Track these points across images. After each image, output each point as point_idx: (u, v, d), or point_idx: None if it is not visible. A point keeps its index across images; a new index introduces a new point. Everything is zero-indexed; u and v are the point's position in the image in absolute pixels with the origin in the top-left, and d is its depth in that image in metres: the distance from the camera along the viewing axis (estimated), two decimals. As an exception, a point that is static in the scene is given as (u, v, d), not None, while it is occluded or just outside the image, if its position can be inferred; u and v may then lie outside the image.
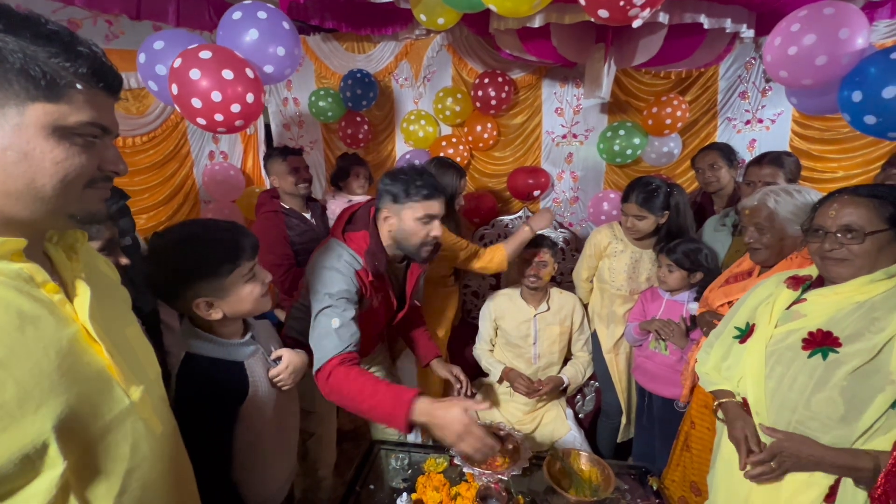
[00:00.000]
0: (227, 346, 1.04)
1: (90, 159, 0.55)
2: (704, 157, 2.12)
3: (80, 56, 0.52)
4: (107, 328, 0.60)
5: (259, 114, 1.61)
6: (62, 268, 0.60)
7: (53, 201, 0.53)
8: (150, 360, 0.72)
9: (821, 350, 0.92)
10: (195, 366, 1.01)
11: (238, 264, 0.98)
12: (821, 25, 1.37)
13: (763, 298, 1.10)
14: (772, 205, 1.24)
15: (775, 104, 2.45)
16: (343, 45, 2.80)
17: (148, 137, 2.30)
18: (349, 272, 1.30)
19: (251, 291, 1.01)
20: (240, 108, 1.47)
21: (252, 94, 1.48)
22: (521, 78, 2.64)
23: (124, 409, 0.60)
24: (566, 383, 1.96)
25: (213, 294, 0.96)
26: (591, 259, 2.00)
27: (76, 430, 0.53)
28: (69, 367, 0.53)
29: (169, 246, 0.96)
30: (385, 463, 1.65)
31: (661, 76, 2.48)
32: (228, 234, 0.99)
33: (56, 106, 0.51)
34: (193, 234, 0.98)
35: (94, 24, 2.14)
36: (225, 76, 1.42)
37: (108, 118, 0.57)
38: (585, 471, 1.44)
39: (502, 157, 2.80)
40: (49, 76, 0.50)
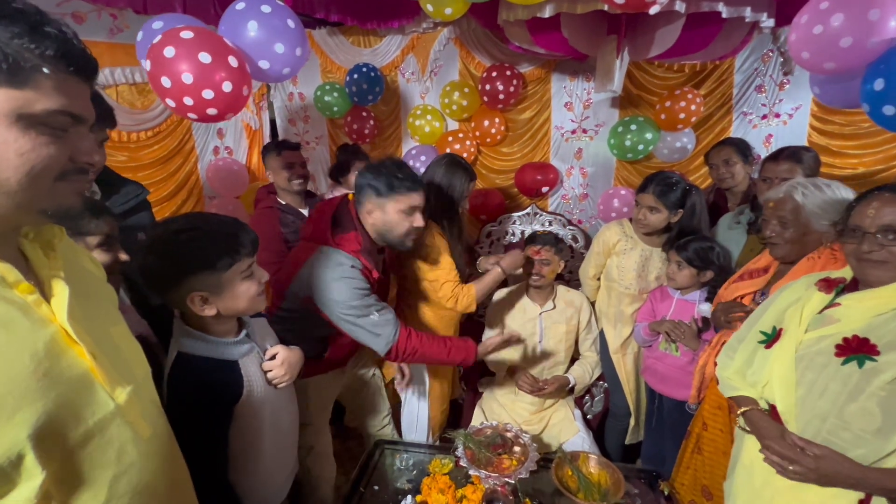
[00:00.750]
0: (221, 344, 1.01)
1: (60, 150, 0.51)
2: (719, 152, 2.06)
3: (47, 37, 0.48)
4: (88, 328, 0.57)
5: (240, 106, 1.51)
6: (39, 266, 0.57)
7: (20, 195, 0.49)
8: (138, 360, 0.69)
9: (856, 357, 0.87)
10: (187, 365, 0.98)
11: (237, 259, 0.95)
12: (850, 5, 1.29)
13: (791, 302, 1.04)
14: (799, 198, 1.18)
15: (793, 98, 2.38)
16: (349, 39, 2.76)
17: (153, 132, 2.28)
18: (357, 275, 1.33)
19: (248, 289, 0.98)
20: (213, 95, 1.39)
21: (230, 83, 1.40)
22: (530, 72, 2.58)
23: (109, 412, 0.57)
24: (572, 383, 1.93)
25: (208, 289, 0.94)
26: (600, 256, 1.95)
27: (56, 437, 0.50)
28: (46, 371, 0.50)
29: (169, 236, 0.94)
30: (389, 463, 1.63)
31: (674, 69, 2.42)
32: (229, 229, 0.97)
33: (20, 92, 0.47)
34: (194, 226, 0.95)
35: (99, 18, 2.12)
36: (201, 59, 1.35)
37: (80, 106, 0.53)
38: (594, 474, 1.42)
39: (510, 152, 2.75)
40: (11, 59, 0.46)
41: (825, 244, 1.16)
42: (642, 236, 1.84)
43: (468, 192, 1.75)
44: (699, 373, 1.48)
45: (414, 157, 2.64)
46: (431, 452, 1.64)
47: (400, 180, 1.36)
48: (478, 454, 1.44)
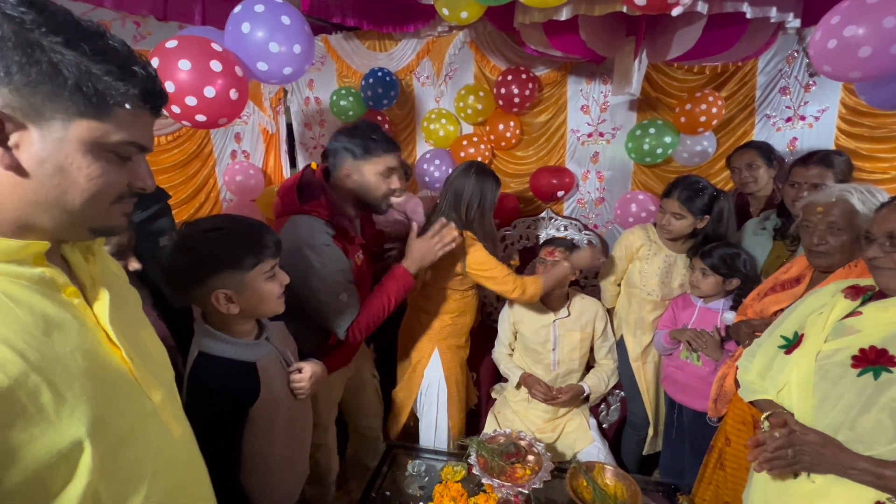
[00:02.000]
0: (240, 345, 1.03)
1: (122, 176, 0.54)
2: (742, 155, 2.01)
3: (134, 76, 0.51)
4: (124, 331, 0.59)
5: (234, 111, 1.47)
6: (79, 270, 0.59)
7: (79, 215, 0.53)
8: (165, 363, 0.72)
9: (873, 369, 0.85)
10: (207, 365, 1.01)
11: (261, 259, 0.99)
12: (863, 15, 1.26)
13: (816, 308, 1.01)
14: (856, 203, 1.12)
15: (820, 100, 2.30)
16: (365, 44, 2.78)
17: (173, 137, 2.33)
18: (330, 242, 1.35)
19: (270, 290, 1.01)
20: (195, 102, 1.37)
21: (212, 88, 1.37)
22: (546, 75, 2.56)
23: (147, 412, 0.59)
24: (587, 392, 1.89)
25: (233, 287, 0.97)
26: (622, 261, 1.92)
27: (103, 435, 0.52)
28: (95, 371, 0.52)
29: (198, 234, 0.98)
30: (401, 469, 1.62)
31: (694, 71, 2.36)
32: (255, 230, 1.01)
33: (101, 124, 0.50)
34: (222, 226, 1.00)
35: (123, 26, 2.18)
36: (181, 66, 1.35)
37: (147, 137, 0.56)
38: (610, 486, 1.39)
39: (525, 156, 2.73)
40: (100, 93, 0.49)
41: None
42: (666, 242, 1.80)
43: (497, 198, 1.73)
44: (717, 383, 1.44)
45: (428, 161, 2.63)
46: (444, 459, 1.63)
47: (375, 142, 1.38)
48: (491, 462, 1.43)
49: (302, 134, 3.07)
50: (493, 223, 1.74)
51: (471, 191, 1.65)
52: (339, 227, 1.39)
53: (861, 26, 1.26)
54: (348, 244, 1.43)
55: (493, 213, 1.98)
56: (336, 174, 1.42)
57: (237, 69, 1.43)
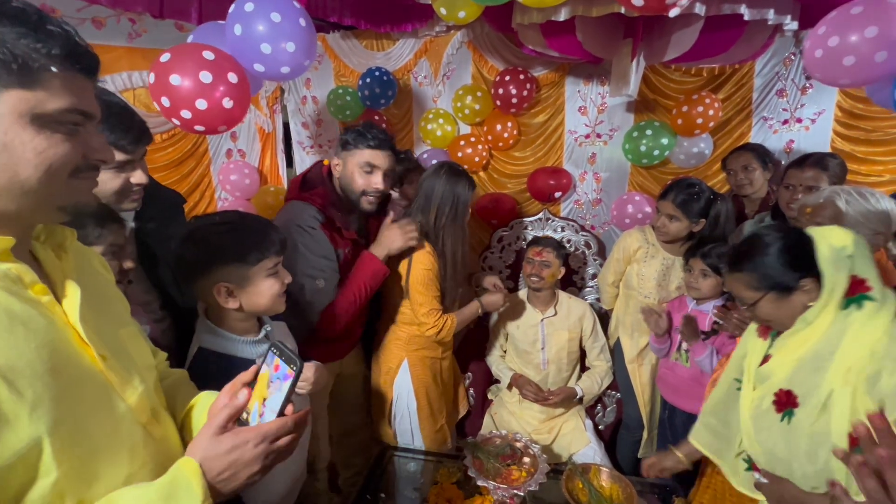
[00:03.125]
0: (240, 342, 1.04)
1: (74, 148, 0.52)
2: (737, 158, 2.01)
3: (51, 36, 0.49)
4: (98, 330, 0.58)
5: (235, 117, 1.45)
6: (50, 267, 0.58)
7: (39, 193, 0.51)
8: (146, 364, 0.70)
9: (787, 412, 0.91)
10: (206, 360, 1.01)
11: (266, 255, 1.01)
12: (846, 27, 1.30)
13: (745, 351, 1.08)
14: (841, 205, 1.12)
15: (816, 102, 2.31)
16: (362, 43, 2.77)
17: (168, 135, 2.31)
18: (316, 225, 1.39)
19: (271, 287, 1.02)
20: (190, 115, 1.36)
21: (204, 101, 1.34)
22: (544, 75, 2.55)
23: (119, 413, 0.58)
24: (580, 395, 1.89)
25: (235, 281, 0.98)
26: (619, 263, 1.91)
27: (69, 435, 0.50)
28: (61, 369, 0.51)
29: (207, 226, 1.00)
30: (398, 470, 1.61)
31: (691, 73, 2.36)
32: (262, 226, 1.04)
33: (32, 92, 0.48)
34: (230, 220, 1.03)
35: (118, 23, 2.15)
36: (172, 82, 1.33)
37: (88, 103, 0.54)
38: (606, 488, 1.39)
39: (523, 157, 2.72)
40: (21, 60, 0.47)
41: None
42: (664, 244, 1.80)
43: (471, 202, 1.66)
44: (711, 386, 1.44)
45: (425, 162, 2.62)
46: (440, 460, 1.62)
47: (363, 137, 1.42)
48: (487, 464, 1.42)
49: (299, 133, 3.06)
50: (465, 228, 1.65)
51: (441, 193, 1.56)
52: (329, 216, 1.42)
53: (844, 36, 1.29)
54: (337, 235, 1.45)
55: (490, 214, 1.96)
56: (329, 168, 1.50)
57: (231, 76, 1.40)
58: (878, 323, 0.81)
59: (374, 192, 1.47)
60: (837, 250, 0.86)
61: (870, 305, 0.83)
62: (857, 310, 0.83)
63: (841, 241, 0.86)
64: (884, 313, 0.82)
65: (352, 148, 1.44)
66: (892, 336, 0.80)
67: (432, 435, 1.78)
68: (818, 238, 0.88)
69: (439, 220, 1.58)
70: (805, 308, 0.89)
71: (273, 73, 1.50)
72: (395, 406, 1.76)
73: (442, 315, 1.64)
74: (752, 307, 0.94)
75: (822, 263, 0.86)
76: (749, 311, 0.96)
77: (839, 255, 0.85)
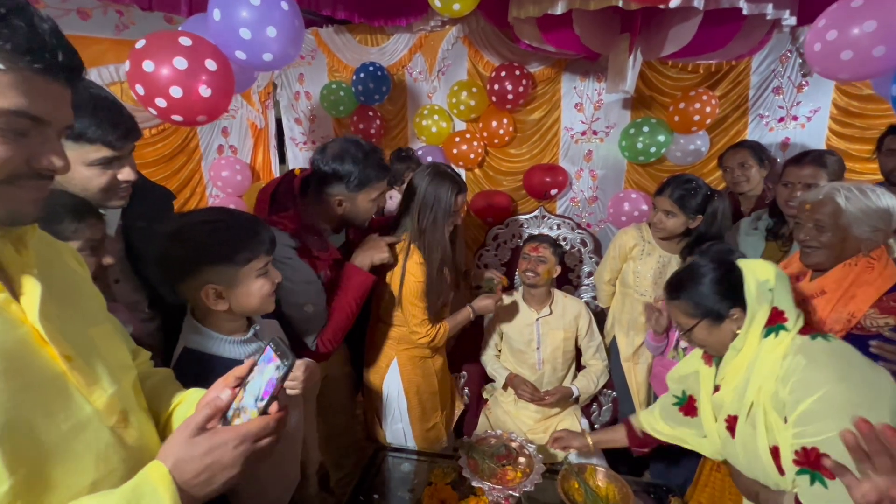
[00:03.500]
0: (227, 342, 1.00)
1: (14, 152, 0.47)
2: (734, 155, 2.00)
3: (10, 28, 0.44)
4: (64, 328, 0.54)
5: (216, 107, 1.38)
6: (9, 262, 0.54)
7: None
8: (121, 363, 0.66)
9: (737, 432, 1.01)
10: (191, 361, 0.98)
11: (255, 255, 0.97)
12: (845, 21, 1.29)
13: (691, 372, 1.16)
14: (841, 201, 1.11)
15: (812, 100, 2.31)
16: (356, 38, 2.73)
17: (157, 130, 2.26)
18: (293, 255, 1.31)
19: (261, 287, 0.99)
20: (165, 104, 1.30)
21: (179, 89, 1.29)
22: (540, 72, 2.53)
23: (84, 417, 0.54)
24: (576, 394, 1.88)
25: (224, 282, 0.95)
26: (615, 261, 1.90)
27: (25, 441, 0.47)
28: (16, 371, 0.47)
29: (193, 225, 0.96)
30: (391, 471, 1.59)
31: (688, 70, 2.35)
32: (251, 225, 0.99)
33: None
34: (219, 218, 0.98)
35: (105, 14, 2.10)
36: (145, 68, 1.28)
37: (45, 107, 0.48)
38: (602, 488, 1.37)
39: (518, 154, 2.70)
40: None
41: (864, 252, 1.09)
42: (660, 241, 1.78)
43: (455, 206, 1.53)
44: None
45: (420, 158, 2.60)
46: (434, 461, 1.60)
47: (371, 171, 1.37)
48: (482, 465, 1.41)
49: (291, 129, 3.02)
50: (445, 234, 1.55)
51: (422, 194, 1.51)
52: (303, 242, 1.33)
53: (843, 31, 1.29)
54: (315, 259, 1.38)
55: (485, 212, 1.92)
56: (324, 198, 1.37)
57: (209, 63, 1.33)
58: (780, 348, 0.92)
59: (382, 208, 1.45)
60: (761, 283, 0.95)
61: (782, 334, 0.93)
62: (773, 337, 0.94)
63: (765, 275, 0.95)
64: (786, 338, 0.93)
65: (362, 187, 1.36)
66: (787, 357, 0.90)
67: (424, 434, 1.75)
68: (746, 272, 0.97)
69: (421, 222, 1.52)
70: (734, 335, 0.98)
71: (255, 62, 1.42)
72: (386, 405, 1.73)
73: (434, 325, 1.61)
74: (688, 332, 1.03)
75: (748, 295, 0.95)
76: (685, 336, 1.05)
77: (763, 289, 0.95)
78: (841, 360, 0.87)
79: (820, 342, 0.91)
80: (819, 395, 0.82)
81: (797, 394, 0.85)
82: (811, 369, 0.86)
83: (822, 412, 0.82)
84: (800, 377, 0.86)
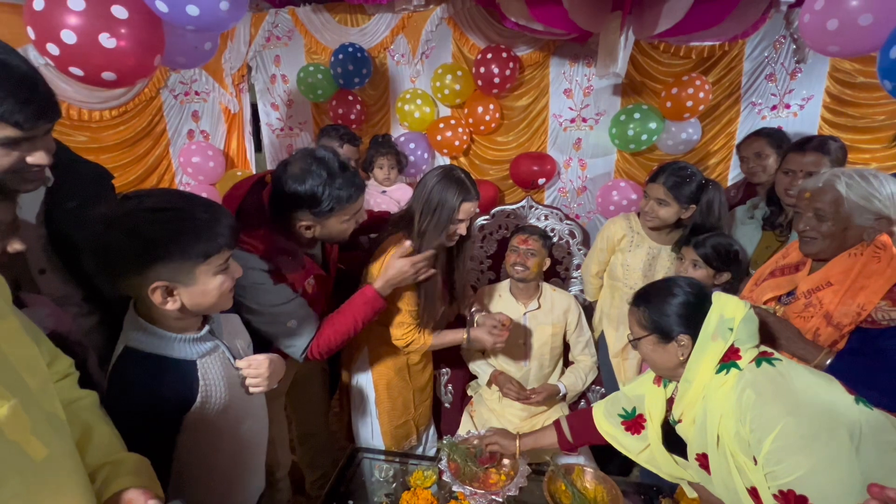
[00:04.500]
0: (177, 341, 0.88)
1: None
2: (750, 144, 1.90)
3: None
4: None
5: (131, 65, 1.22)
6: None
7: None
8: (30, 368, 0.57)
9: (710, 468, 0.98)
10: (132, 362, 0.86)
11: (215, 251, 0.84)
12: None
13: (644, 393, 1.14)
14: (842, 188, 1.05)
15: (805, 87, 2.26)
16: (335, 18, 2.60)
17: (118, 112, 2.12)
18: (266, 279, 1.18)
19: (220, 284, 0.87)
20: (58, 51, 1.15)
21: (72, 34, 1.14)
22: (528, 55, 2.44)
23: None
24: (563, 392, 1.81)
25: (177, 279, 0.82)
26: (603, 253, 1.82)
27: None
28: None
29: (142, 212, 0.80)
30: (367, 474, 1.51)
31: (680, 55, 2.28)
32: (212, 213, 0.84)
33: None
34: (173, 206, 0.82)
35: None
36: (35, 7, 1.14)
37: None
38: (590, 489, 1.31)
39: (505, 141, 2.61)
40: None
41: (867, 240, 1.03)
42: (650, 232, 1.71)
43: (459, 214, 1.42)
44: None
45: (403, 145, 2.49)
46: (414, 463, 1.52)
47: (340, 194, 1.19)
48: (463, 467, 1.33)
49: (267, 115, 2.88)
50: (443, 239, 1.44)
51: (428, 194, 1.42)
52: (276, 265, 1.20)
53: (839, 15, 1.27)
54: (293, 277, 1.26)
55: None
56: (290, 222, 1.21)
57: (116, 9, 1.17)
58: (729, 382, 0.91)
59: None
60: (725, 320, 0.93)
61: (732, 371, 0.91)
62: (724, 375, 0.92)
63: (732, 313, 0.93)
64: (732, 378, 0.91)
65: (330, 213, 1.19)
66: (737, 391, 0.89)
67: (392, 431, 1.67)
68: (715, 305, 0.95)
69: (422, 223, 1.42)
70: (677, 360, 0.96)
71: (179, 16, 1.24)
72: (354, 397, 1.65)
73: (415, 329, 1.52)
74: (636, 342, 1.02)
75: (704, 326, 0.93)
76: (631, 344, 1.04)
77: (723, 326, 0.92)
78: (786, 388, 0.86)
79: (765, 368, 0.89)
80: (777, 432, 0.81)
81: (757, 433, 0.84)
82: (762, 404, 0.85)
83: (785, 449, 0.81)
84: (753, 414, 0.85)
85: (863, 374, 1.01)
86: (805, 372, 0.89)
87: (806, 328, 1.08)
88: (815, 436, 0.79)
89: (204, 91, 2.58)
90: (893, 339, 1.00)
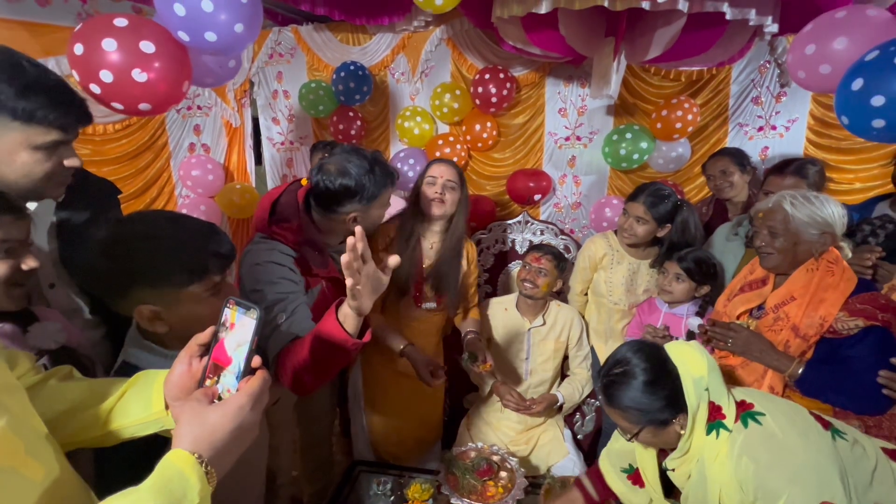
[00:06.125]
0: (172, 359, 0.87)
1: None
2: (715, 163, 2.01)
3: None
4: None
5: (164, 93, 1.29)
6: None
7: None
8: (7, 387, 0.55)
9: None
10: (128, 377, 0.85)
11: (203, 277, 0.82)
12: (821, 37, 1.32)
13: (627, 449, 1.15)
14: (788, 208, 1.18)
15: (790, 110, 2.35)
16: (337, 36, 2.67)
17: (122, 125, 2.14)
18: (289, 263, 1.19)
19: (211, 307, 0.82)
20: (99, 90, 1.22)
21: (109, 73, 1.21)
22: (524, 75, 2.51)
23: None
24: (561, 402, 1.82)
25: (162, 304, 0.80)
26: (586, 271, 1.87)
27: None
28: None
29: (129, 240, 0.80)
30: (365, 487, 1.50)
31: (670, 77, 2.37)
32: (201, 238, 0.83)
33: None
34: (159, 233, 0.81)
35: (66, 2, 1.98)
36: (76, 52, 1.20)
37: None
38: (587, 503, 1.31)
39: (502, 158, 2.67)
40: None
41: (815, 255, 1.15)
42: (628, 249, 1.77)
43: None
44: None
45: (402, 161, 2.53)
46: (411, 476, 1.52)
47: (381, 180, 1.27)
48: (462, 480, 1.33)
49: (268, 129, 2.91)
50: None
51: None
52: (303, 256, 1.23)
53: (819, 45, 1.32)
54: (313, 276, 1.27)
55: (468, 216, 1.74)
56: (334, 216, 1.27)
57: (144, 45, 1.23)
58: (723, 448, 0.92)
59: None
60: (697, 381, 0.94)
61: (723, 434, 0.92)
62: (715, 438, 0.93)
63: (698, 370, 0.95)
64: (724, 443, 0.92)
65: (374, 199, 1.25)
66: (734, 459, 0.89)
67: (382, 438, 1.69)
68: (682, 373, 0.95)
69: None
70: (678, 435, 0.96)
71: (199, 42, 1.29)
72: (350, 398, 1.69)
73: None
74: (634, 437, 1.00)
75: (688, 398, 0.94)
76: (631, 440, 1.02)
77: (699, 387, 0.94)
78: (779, 451, 0.87)
79: (753, 429, 0.91)
80: (783, 502, 0.83)
81: (762, 502, 0.86)
82: (762, 474, 0.87)
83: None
84: (756, 485, 0.86)
85: (831, 381, 1.10)
86: (783, 420, 0.91)
87: (777, 340, 1.16)
88: (818, 495, 0.82)
89: (206, 105, 2.62)
90: (854, 346, 1.09)
